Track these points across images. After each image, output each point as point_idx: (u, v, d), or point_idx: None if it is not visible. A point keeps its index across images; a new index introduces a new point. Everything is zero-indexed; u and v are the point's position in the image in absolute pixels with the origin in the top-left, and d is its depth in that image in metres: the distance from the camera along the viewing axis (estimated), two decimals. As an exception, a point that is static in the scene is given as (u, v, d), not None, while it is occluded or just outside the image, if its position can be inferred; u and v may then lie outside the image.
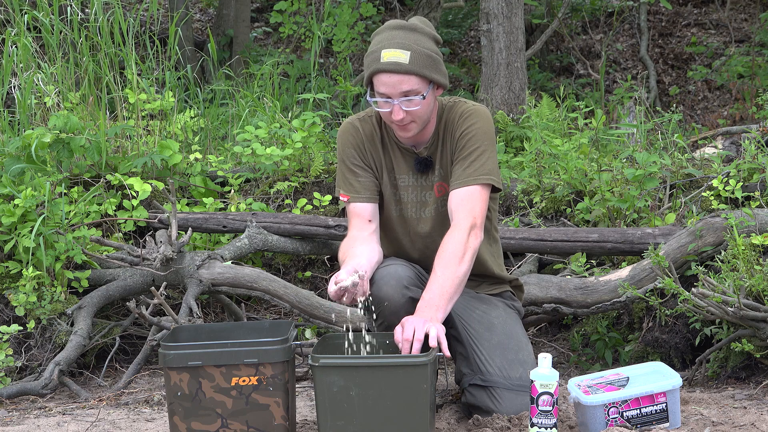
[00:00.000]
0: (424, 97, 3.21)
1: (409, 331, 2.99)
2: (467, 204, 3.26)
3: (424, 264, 3.37)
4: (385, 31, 3.25)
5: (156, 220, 4.73)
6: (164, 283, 4.21)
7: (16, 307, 4.22)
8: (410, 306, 3.19)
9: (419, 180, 3.41)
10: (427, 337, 2.99)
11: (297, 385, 3.87)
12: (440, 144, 3.38)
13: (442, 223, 3.38)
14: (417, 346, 2.97)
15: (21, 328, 4.17)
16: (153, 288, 3.97)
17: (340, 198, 3.41)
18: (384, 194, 3.44)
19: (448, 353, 3.02)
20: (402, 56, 3.17)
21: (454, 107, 3.38)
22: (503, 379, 3.29)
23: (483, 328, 3.38)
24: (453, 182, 3.30)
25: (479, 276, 3.49)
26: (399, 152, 3.41)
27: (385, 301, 3.20)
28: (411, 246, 3.46)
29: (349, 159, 3.40)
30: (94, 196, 4.74)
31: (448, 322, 3.42)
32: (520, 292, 3.65)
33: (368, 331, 3.29)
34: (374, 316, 3.25)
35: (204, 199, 5.01)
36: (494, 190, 3.36)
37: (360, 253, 3.26)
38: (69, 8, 5.49)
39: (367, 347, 3.16)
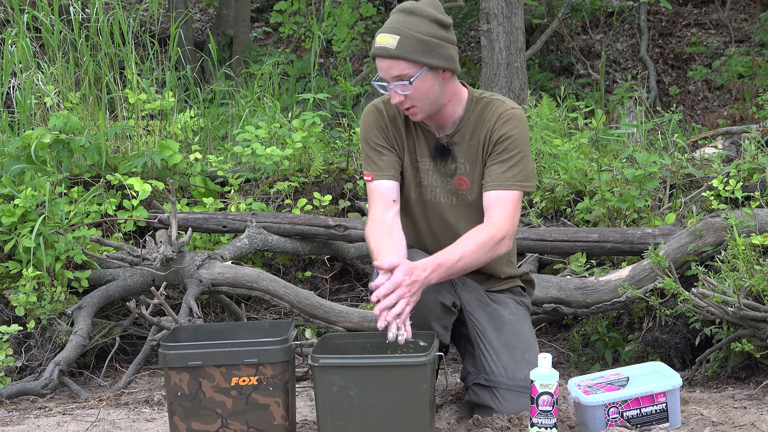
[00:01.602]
0: (411, 82, 3.19)
1: (391, 300, 2.98)
2: (507, 207, 3.26)
3: (438, 249, 3.29)
4: (392, 14, 3.27)
5: (156, 220, 4.73)
6: (164, 283, 4.21)
7: (16, 307, 4.21)
8: (439, 310, 3.21)
9: (439, 166, 3.38)
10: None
11: (297, 385, 3.87)
12: (467, 137, 3.35)
13: (459, 215, 3.38)
14: (388, 319, 2.98)
15: (21, 328, 4.17)
16: (153, 288, 3.97)
17: (365, 178, 3.41)
18: (405, 175, 3.42)
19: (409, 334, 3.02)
20: (390, 41, 3.18)
21: (491, 105, 3.34)
22: (508, 379, 3.29)
23: (492, 326, 3.37)
24: (492, 182, 3.28)
25: (488, 272, 3.49)
26: (422, 135, 3.39)
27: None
28: (427, 230, 3.44)
29: (372, 139, 3.39)
30: (94, 196, 4.74)
31: (458, 320, 3.42)
32: (530, 287, 3.63)
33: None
34: None
35: (204, 199, 5.01)
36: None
37: (395, 248, 3.20)
38: (70, 8, 5.49)
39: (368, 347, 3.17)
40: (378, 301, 2.99)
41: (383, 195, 3.35)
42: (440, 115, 3.32)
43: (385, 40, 3.19)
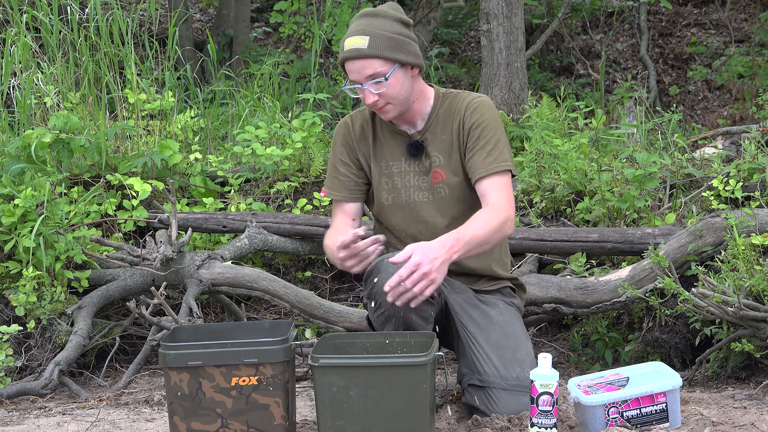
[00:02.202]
0: (386, 78, 3.27)
1: (412, 281, 3.00)
2: (501, 189, 3.32)
3: None
4: (353, 23, 3.36)
5: (156, 220, 4.73)
6: (164, 283, 4.21)
7: (16, 307, 4.22)
8: None
9: (414, 165, 3.45)
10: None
11: (297, 385, 3.87)
12: (438, 130, 3.43)
13: (437, 210, 3.43)
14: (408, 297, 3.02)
15: (21, 328, 4.17)
16: (153, 288, 3.97)
17: (321, 193, 3.49)
18: (375, 184, 3.50)
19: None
20: (361, 42, 3.27)
21: (458, 97, 3.45)
22: (500, 379, 3.29)
23: (481, 327, 3.38)
24: (477, 170, 3.34)
25: (480, 272, 3.50)
26: (392, 138, 3.47)
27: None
28: (405, 234, 3.46)
29: (336, 155, 3.53)
30: (94, 196, 4.74)
31: (448, 322, 3.43)
32: (521, 291, 3.65)
33: (369, 321, 3.29)
34: (374, 305, 3.24)
35: (204, 199, 5.01)
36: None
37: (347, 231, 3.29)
38: (68, 8, 5.49)
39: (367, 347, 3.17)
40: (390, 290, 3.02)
41: (343, 211, 3.52)
42: (410, 112, 3.42)
43: (355, 42, 3.28)
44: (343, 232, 3.33)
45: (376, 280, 3.18)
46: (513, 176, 3.43)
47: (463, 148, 3.39)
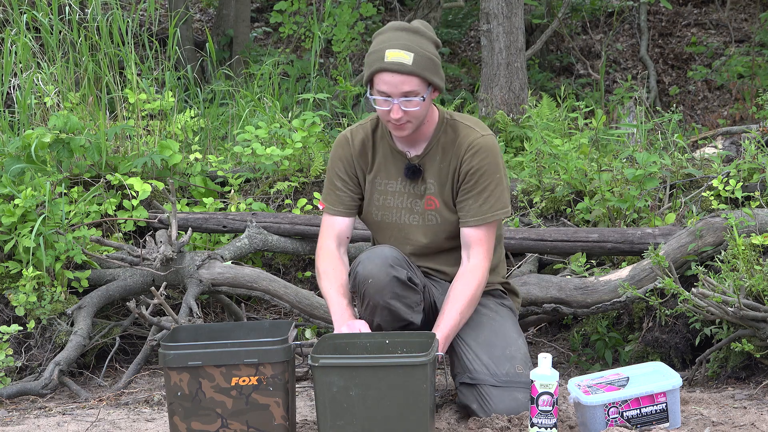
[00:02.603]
0: (423, 99, 3.27)
1: None
2: (485, 243, 3.37)
3: None
4: (388, 32, 3.30)
5: (156, 220, 4.73)
6: (164, 283, 4.21)
7: (16, 307, 4.21)
8: (395, 285, 3.24)
9: (408, 187, 3.45)
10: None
11: (297, 385, 3.87)
12: (438, 158, 3.42)
13: (426, 234, 3.45)
14: None
15: (21, 328, 4.17)
16: (153, 288, 3.97)
17: (318, 205, 3.48)
18: (367, 199, 3.51)
19: None
20: (406, 57, 3.22)
21: (460, 131, 3.42)
22: (489, 376, 3.30)
23: (470, 326, 3.40)
24: (467, 217, 3.37)
25: None
26: (391, 157, 3.46)
27: (369, 279, 3.24)
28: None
29: (335, 170, 3.52)
30: (94, 196, 4.74)
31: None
32: (513, 295, 3.66)
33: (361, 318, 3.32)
34: (360, 298, 3.29)
35: (204, 199, 5.01)
36: None
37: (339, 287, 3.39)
38: (68, 8, 5.49)
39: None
40: None
41: (333, 227, 3.51)
42: (416, 133, 3.40)
43: (399, 55, 3.23)
44: (336, 257, 3.43)
45: (358, 270, 3.25)
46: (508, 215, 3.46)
47: (457, 188, 3.40)
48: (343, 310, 3.32)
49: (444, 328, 3.27)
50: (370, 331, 3.24)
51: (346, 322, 3.28)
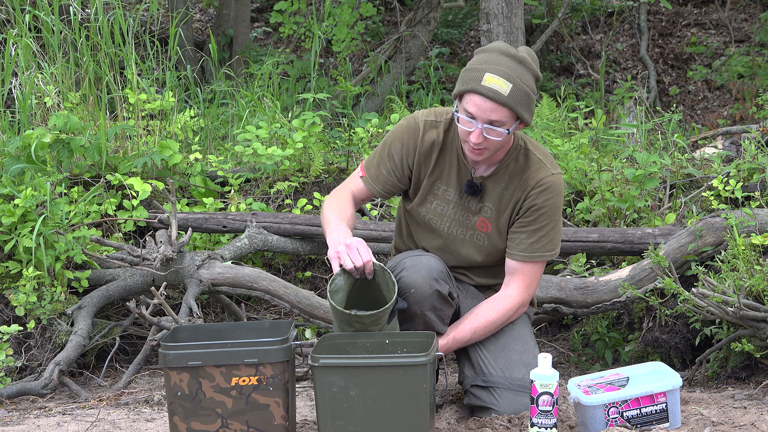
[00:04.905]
0: (508, 132, 3.20)
1: None
2: (527, 278, 3.37)
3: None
4: (493, 53, 3.21)
5: (156, 220, 4.73)
6: (164, 283, 4.21)
7: (16, 307, 4.22)
8: (435, 298, 3.22)
9: (464, 201, 3.40)
10: None
11: (297, 385, 3.87)
12: (503, 184, 3.36)
13: (471, 251, 3.43)
14: None
15: (21, 328, 4.17)
16: (153, 288, 3.97)
17: (358, 169, 3.47)
18: (418, 195, 3.44)
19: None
20: (504, 87, 3.14)
21: (533, 164, 3.34)
22: (504, 379, 3.31)
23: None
24: (516, 250, 3.36)
25: (493, 286, 3.52)
26: (456, 166, 3.39)
27: (412, 288, 3.22)
28: (426, 249, 3.48)
29: (390, 148, 3.42)
30: (94, 196, 4.74)
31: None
32: (530, 304, 3.65)
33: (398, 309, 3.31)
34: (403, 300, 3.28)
35: (204, 199, 5.01)
36: None
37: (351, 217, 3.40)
38: (70, 8, 5.49)
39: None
40: None
41: (358, 190, 3.48)
42: (492, 156, 3.33)
43: (497, 83, 3.14)
44: (347, 208, 3.39)
45: (402, 275, 3.24)
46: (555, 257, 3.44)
47: (514, 219, 3.36)
48: (342, 224, 3.29)
49: (451, 338, 3.31)
50: (364, 244, 3.20)
51: (342, 229, 3.25)
